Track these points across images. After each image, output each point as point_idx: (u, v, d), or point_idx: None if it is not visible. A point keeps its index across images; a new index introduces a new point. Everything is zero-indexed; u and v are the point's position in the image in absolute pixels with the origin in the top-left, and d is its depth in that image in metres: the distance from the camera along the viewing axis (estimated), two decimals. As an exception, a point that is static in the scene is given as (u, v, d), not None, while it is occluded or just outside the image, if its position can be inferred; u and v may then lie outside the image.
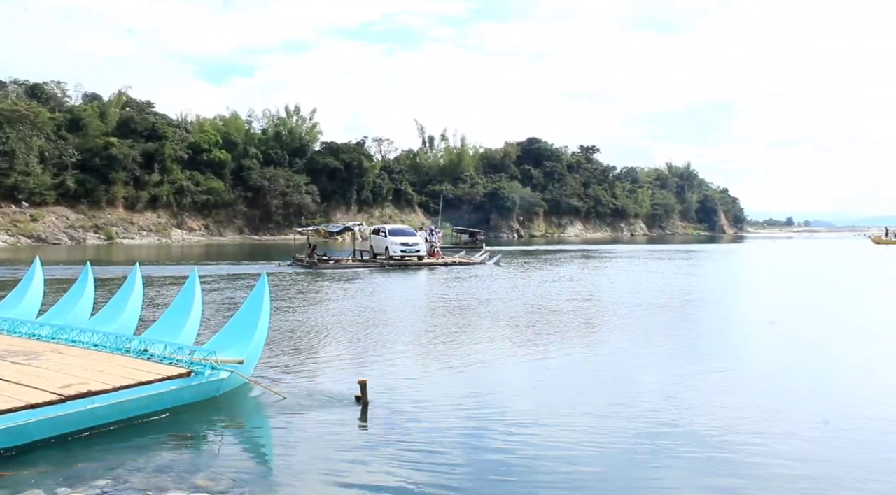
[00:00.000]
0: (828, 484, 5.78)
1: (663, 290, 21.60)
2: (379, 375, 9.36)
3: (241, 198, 74.87)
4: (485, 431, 7.10)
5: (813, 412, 7.98)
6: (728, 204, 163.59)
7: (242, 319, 9.18)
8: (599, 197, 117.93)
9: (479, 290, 21.18)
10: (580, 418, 7.61)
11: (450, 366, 10.27)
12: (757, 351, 12.32)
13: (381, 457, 6.30)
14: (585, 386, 9.29)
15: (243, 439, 7.19)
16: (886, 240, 66.71)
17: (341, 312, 15.93)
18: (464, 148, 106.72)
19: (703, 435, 7.00)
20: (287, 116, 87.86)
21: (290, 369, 9.78)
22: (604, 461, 6.28)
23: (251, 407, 8.14)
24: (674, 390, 8.87)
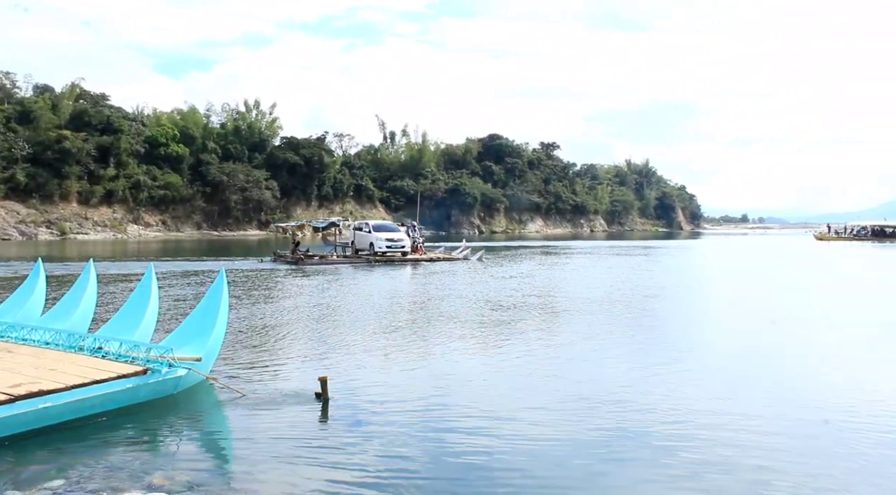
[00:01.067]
0: (780, 474, 5.90)
1: (622, 286, 21.85)
2: (341, 371, 9.30)
3: (199, 193, 73.82)
4: (445, 426, 7.11)
5: (765, 403, 8.14)
6: (685, 201, 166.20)
7: (200, 316, 9.05)
8: (560, 193, 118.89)
9: (458, 286, 21.20)
10: (540, 412, 7.64)
11: (412, 361, 10.26)
12: (711, 344, 12.52)
13: (341, 454, 6.26)
14: (545, 380, 9.33)
15: (201, 437, 7.09)
16: (828, 236, 68.70)
17: (309, 307, 15.80)
18: (425, 144, 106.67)
19: (659, 427, 7.09)
20: (246, 111, 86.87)
21: (251, 366, 9.67)
22: (563, 455, 6.32)
23: (209, 405, 8.03)
24: (631, 384, 8.96)
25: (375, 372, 9.54)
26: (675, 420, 7.37)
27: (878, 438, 6.85)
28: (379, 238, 33.02)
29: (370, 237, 33.31)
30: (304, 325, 13.45)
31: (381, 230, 34.33)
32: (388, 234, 33.69)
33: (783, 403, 8.24)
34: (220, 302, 8.92)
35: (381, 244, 32.69)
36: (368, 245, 33.09)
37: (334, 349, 11.11)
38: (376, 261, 31.33)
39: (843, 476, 5.90)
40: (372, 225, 35.00)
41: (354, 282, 22.65)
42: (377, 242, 32.76)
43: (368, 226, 34.58)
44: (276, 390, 8.37)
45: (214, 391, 8.30)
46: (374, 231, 33.77)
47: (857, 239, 66.09)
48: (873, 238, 66.61)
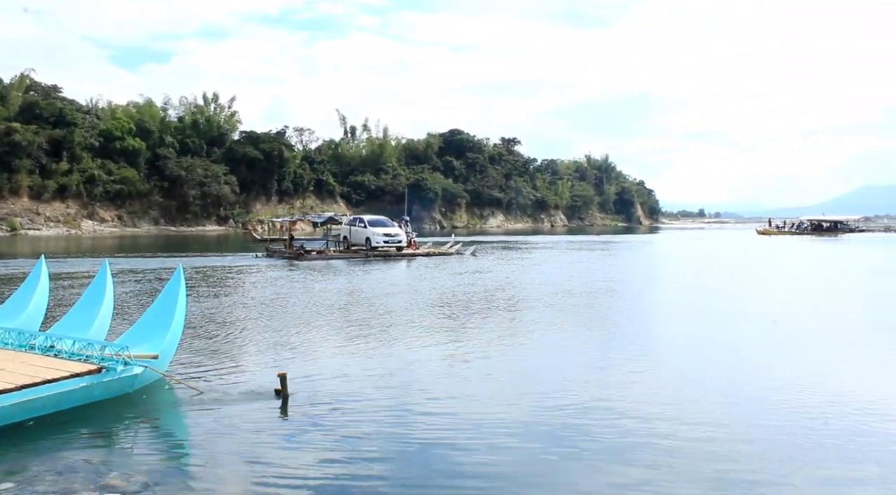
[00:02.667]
0: (738, 465, 6.02)
1: (582, 281, 22.06)
2: (303, 368, 9.24)
3: (156, 188, 72.49)
4: (407, 421, 7.10)
5: (722, 394, 8.31)
6: (644, 196, 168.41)
7: (157, 313, 8.91)
8: (520, 188, 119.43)
9: (446, 280, 21.17)
10: (502, 407, 7.67)
11: (374, 356, 10.21)
12: (669, 338, 12.73)
13: (301, 451, 6.22)
14: (507, 375, 9.38)
15: (158, 436, 6.98)
16: (770, 231, 70.85)
17: (274, 303, 15.63)
18: (386, 139, 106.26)
19: (621, 420, 7.17)
20: (205, 104, 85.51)
21: (210, 363, 9.54)
22: (525, 449, 6.36)
23: (166, 403, 7.90)
24: (592, 378, 9.07)
25: (337, 367, 9.47)
26: (634, 414, 7.46)
27: (831, 432, 7.02)
28: (376, 233, 32.97)
29: (366, 232, 33.21)
30: (267, 321, 13.29)
31: (377, 225, 34.21)
32: (384, 230, 33.65)
33: (738, 396, 8.40)
34: (177, 298, 8.79)
35: (379, 239, 32.68)
36: (364, 240, 33.00)
37: (297, 345, 11.01)
38: (375, 256, 31.41)
39: (795, 470, 6.03)
40: (367, 220, 34.84)
41: (352, 276, 22.48)
42: (374, 237, 32.74)
43: (364, 222, 34.38)
44: (235, 387, 8.27)
45: (172, 389, 8.18)
46: (369, 226, 33.65)
47: (798, 233, 68.20)
48: (812, 232, 68.95)
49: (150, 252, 35.45)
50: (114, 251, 36.46)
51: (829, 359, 10.58)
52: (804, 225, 72.74)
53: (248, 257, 31.55)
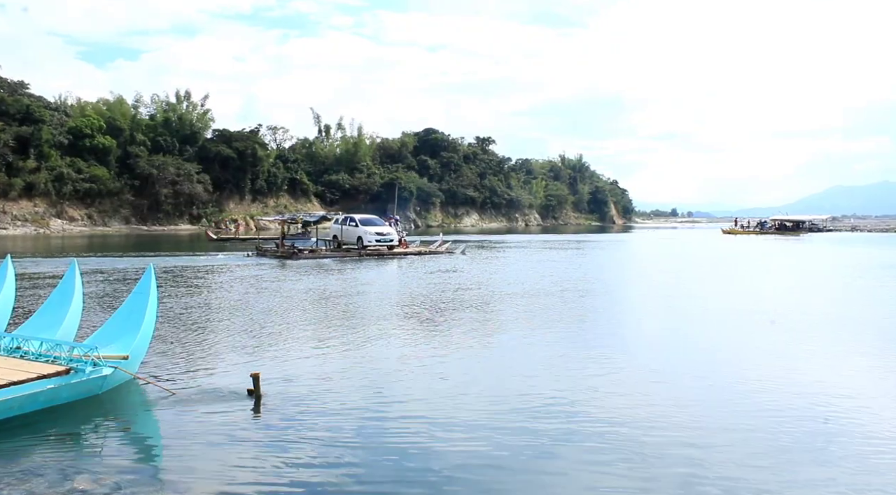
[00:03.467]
0: (709, 468, 6.09)
1: (556, 280, 22.16)
2: (277, 367, 9.18)
3: (127, 186, 71.54)
4: (380, 421, 7.07)
5: (693, 393, 8.39)
6: (618, 195, 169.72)
7: (127, 313, 8.80)
8: (495, 188, 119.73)
9: (448, 279, 21.13)
10: (476, 407, 7.66)
11: (348, 355, 10.15)
12: (642, 336, 12.84)
13: (273, 452, 6.17)
14: (483, 374, 9.38)
15: (128, 438, 6.87)
16: (735, 230, 72.42)
17: (253, 302, 15.51)
18: (361, 137, 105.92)
19: (594, 416, 7.22)
20: (177, 102, 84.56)
21: (182, 363, 9.44)
22: (500, 450, 6.35)
23: (137, 405, 7.81)
24: (565, 376, 9.09)
25: (312, 367, 9.42)
26: (606, 415, 7.50)
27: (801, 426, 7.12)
28: (368, 232, 33.03)
29: (358, 231, 33.25)
30: (244, 321, 13.18)
31: (369, 224, 34.26)
32: (376, 229, 33.75)
33: (707, 395, 8.49)
34: (148, 298, 8.68)
35: (371, 238, 32.77)
36: (356, 239, 33.04)
37: (272, 345, 10.93)
38: (367, 255, 31.51)
39: (767, 466, 6.12)
40: (358, 219, 34.77)
41: (345, 275, 22.34)
42: (366, 236, 32.79)
43: (355, 221, 34.33)
44: (207, 388, 8.19)
45: (143, 390, 8.08)
46: (361, 225, 33.66)
47: (762, 232, 69.67)
48: (777, 231, 70.50)
49: (124, 251, 34.99)
50: (83, 250, 35.93)
51: (795, 354, 10.72)
52: (768, 224, 74.45)
53: (238, 257, 31.37)
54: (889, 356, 10.95)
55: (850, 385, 8.88)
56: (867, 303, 17.27)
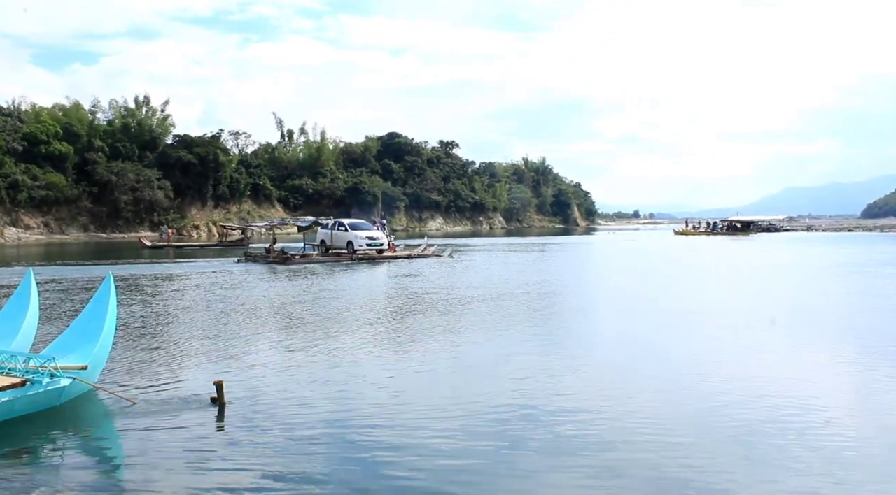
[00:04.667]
0: (675, 466, 6.22)
1: (522, 282, 22.32)
2: (241, 374, 9.10)
3: (85, 193, 70.14)
4: (346, 428, 7.04)
5: (656, 391, 8.51)
6: (581, 198, 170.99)
7: (86, 322, 8.64)
8: (459, 191, 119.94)
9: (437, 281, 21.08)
10: (442, 410, 7.68)
11: (314, 362, 10.08)
12: (604, 337, 13.01)
13: (238, 461, 6.11)
14: (449, 377, 9.41)
15: (88, 450, 6.77)
16: (687, 231, 74.22)
17: (206, 309, 15.36)
18: (324, 142, 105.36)
19: (558, 419, 7.27)
20: (136, 107, 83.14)
21: (144, 372, 9.30)
22: (467, 454, 6.38)
23: (97, 416, 7.69)
24: (528, 376, 9.14)
25: (275, 373, 9.35)
26: (570, 415, 7.57)
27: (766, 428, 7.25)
28: (358, 236, 33.31)
29: (348, 236, 33.50)
30: (208, 328, 13.07)
31: (358, 229, 34.53)
32: (367, 233, 34.11)
33: (673, 393, 8.64)
34: (107, 306, 8.56)
35: (362, 242, 33.02)
36: (346, 243, 33.24)
37: (236, 352, 10.83)
38: (359, 259, 31.71)
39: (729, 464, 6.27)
40: (348, 223, 35.00)
41: (336, 279, 22.17)
42: (357, 241, 33.03)
43: (345, 226, 34.48)
44: (169, 396, 8.10)
45: (103, 401, 7.98)
46: (351, 229, 33.91)
47: (713, 233, 71.32)
48: (728, 232, 72.19)
49: (86, 259, 34.32)
50: (40, 259, 35.19)
51: (747, 351, 10.95)
52: (719, 225, 76.10)
53: (227, 263, 31.22)
54: (835, 350, 11.21)
55: (797, 378, 9.11)
56: (812, 299, 17.72)
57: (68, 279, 22.66)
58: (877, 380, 9.17)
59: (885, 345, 11.45)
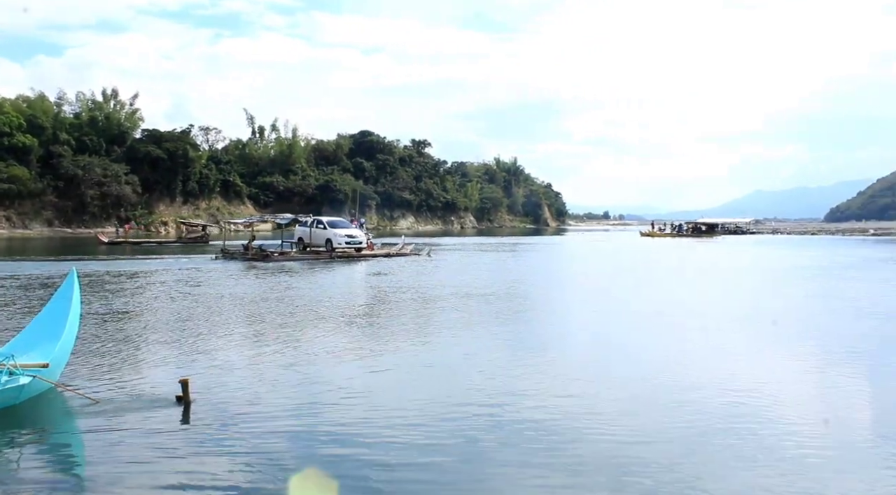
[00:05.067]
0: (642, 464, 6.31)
1: (492, 281, 22.41)
2: (207, 373, 9.00)
3: (50, 187, 68.89)
4: (312, 426, 7.00)
5: (623, 390, 8.57)
6: (552, 198, 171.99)
7: (48, 319, 8.47)
8: (431, 190, 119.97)
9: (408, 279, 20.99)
10: (408, 410, 7.66)
11: (282, 360, 10.01)
12: (572, 339, 13.11)
13: (203, 460, 6.04)
14: (417, 378, 9.40)
15: (48, 450, 6.62)
16: (653, 233, 75.64)
17: (175, 307, 15.18)
18: (295, 139, 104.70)
19: (523, 417, 7.29)
20: (104, 101, 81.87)
21: (108, 370, 9.15)
22: (432, 452, 6.38)
23: (58, 415, 7.56)
24: (499, 377, 9.17)
25: (243, 371, 9.25)
26: (544, 412, 7.60)
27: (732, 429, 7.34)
28: (337, 234, 33.46)
29: (326, 233, 33.59)
30: (175, 326, 12.92)
31: (337, 227, 34.69)
32: (346, 231, 34.28)
33: (636, 392, 8.69)
34: (70, 303, 8.42)
35: (341, 240, 33.17)
36: (325, 241, 33.33)
37: (203, 350, 10.71)
38: (339, 257, 31.78)
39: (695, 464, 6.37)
40: (326, 221, 35.16)
41: (307, 278, 21.97)
42: (335, 239, 33.15)
43: (323, 223, 34.59)
44: (133, 395, 7.98)
45: (65, 399, 7.85)
46: (330, 227, 34.00)
47: (679, 235, 72.68)
48: (693, 234, 73.64)
49: (52, 255, 33.74)
50: (1, 255, 34.52)
51: (710, 350, 11.11)
52: (684, 228, 77.53)
53: (203, 259, 30.99)
54: (796, 351, 11.41)
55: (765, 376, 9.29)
56: (773, 301, 18.03)
57: (28, 275, 22.26)
58: (835, 380, 9.35)
59: (845, 346, 11.66)
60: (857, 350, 11.44)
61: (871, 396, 8.78)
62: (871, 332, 13.16)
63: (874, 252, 43.33)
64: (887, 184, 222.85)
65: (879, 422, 7.51)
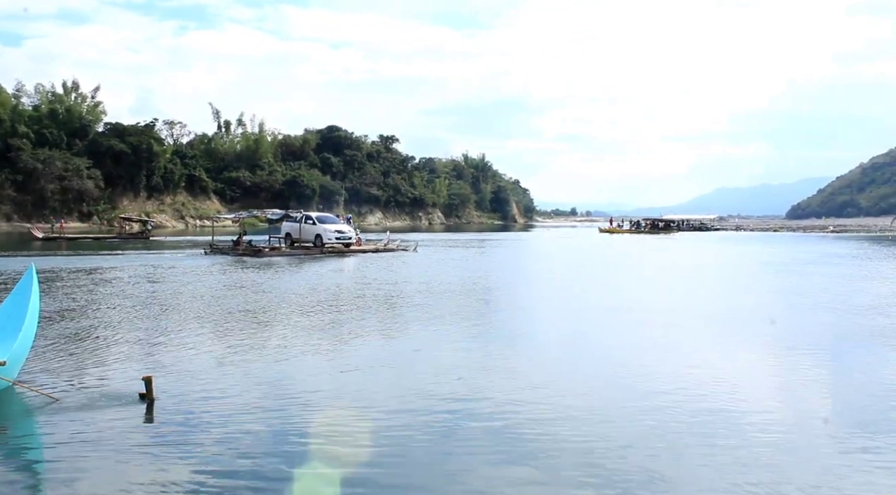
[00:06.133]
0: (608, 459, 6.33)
1: (461, 278, 22.46)
2: (172, 369, 8.87)
3: (8, 181, 67.47)
4: (281, 425, 6.92)
5: (591, 387, 8.62)
6: (519, 195, 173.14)
7: (5, 316, 8.22)
8: (399, 186, 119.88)
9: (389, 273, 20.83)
10: (377, 408, 7.60)
11: (249, 356, 9.88)
12: (539, 332, 13.17)
13: (166, 459, 5.93)
14: (386, 373, 9.35)
15: (6, 449, 6.46)
16: (613, 229, 77.16)
17: (147, 302, 14.93)
18: (262, 134, 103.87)
19: (498, 413, 7.28)
20: (64, 93, 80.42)
21: (69, 367, 8.97)
22: (405, 447, 6.35)
23: (16, 414, 7.38)
24: (468, 370, 9.18)
25: (209, 368, 9.11)
26: (511, 404, 7.60)
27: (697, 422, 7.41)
28: (328, 230, 33.83)
29: (316, 229, 33.87)
30: (138, 322, 12.71)
31: (327, 222, 35.09)
32: (335, 226, 34.72)
33: (609, 388, 8.78)
34: (28, 299, 8.20)
35: (331, 236, 33.51)
36: (315, 237, 33.58)
37: (168, 346, 10.56)
38: (329, 253, 32.07)
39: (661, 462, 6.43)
40: (316, 217, 35.51)
41: (306, 272, 21.69)
42: (325, 234, 33.49)
43: (312, 219, 34.82)
44: (95, 393, 7.82)
45: (23, 398, 7.67)
46: (319, 223, 34.38)
47: (637, 231, 74.52)
48: (651, 231, 75.43)
49: (15, 251, 33.02)
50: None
51: (673, 345, 11.24)
52: (642, 224, 79.30)
53: (194, 255, 31.20)
54: (758, 346, 11.59)
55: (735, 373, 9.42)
56: (728, 296, 18.32)
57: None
58: (796, 373, 9.52)
59: (808, 341, 11.86)
60: (821, 344, 11.65)
61: (836, 390, 8.95)
62: (838, 326, 13.42)
63: (833, 248, 44.24)
64: (846, 181, 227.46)
65: (846, 416, 7.64)
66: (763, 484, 5.58)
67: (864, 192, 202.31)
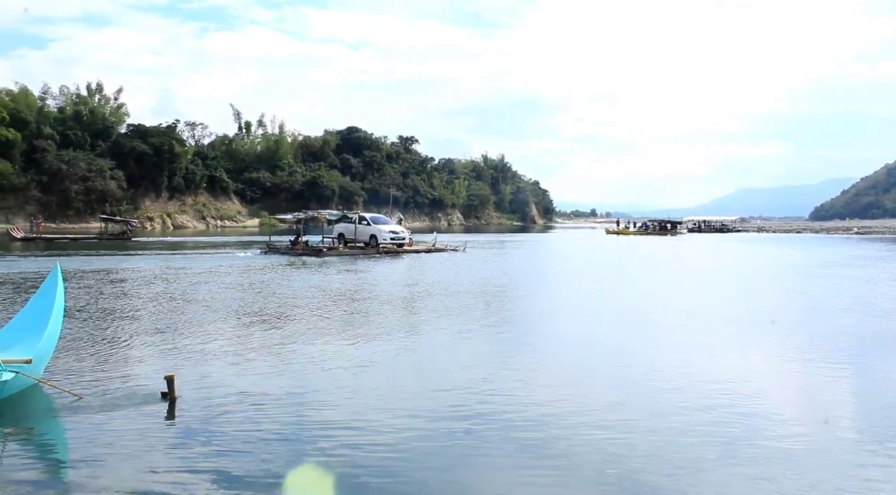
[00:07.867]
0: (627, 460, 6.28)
1: (479, 279, 22.42)
2: (194, 369, 8.91)
3: (34, 182, 68.41)
4: (302, 426, 6.92)
5: (611, 390, 8.56)
6: (539, 196, 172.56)
7: (31, 314, 8.35)
8: (418, 187, 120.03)
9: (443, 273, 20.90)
10: (401, 407, 7.59)
11: (270, 356, 9.91)
12: (557, 336, 13.10)
13: (188, 458, 5.96)
14: (406, 375, 9.33)
15: (31, 446, 6.53)
16: (618, 230, 78.14)
17: (168, 303, 15.04)
18: (282, 135, 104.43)
19: (516, 418, 7.25)
20: (88, 95, 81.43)
21: (93, 366, 9.02)
22: (424, 451, 6.32)
23: (41, 411, 7.44)
24: (486, 375, 9.13)
25: (231, 368, 9.14)
26: (530, 409, 7.57)
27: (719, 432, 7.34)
28: (382, 231, 34.93)
29: (371, 229, 35.07)
30: (161, 321, 12.79)
31: (380, 223, 36.23)
32: (389, 227, 35.91)
33: (624, 392, 8.66)
34: (53, 298, 8.29)
35: (385, 236, 34.59)
36: (370, 237, 34.82)
37: (190, 345, 10.58)
38: (385, 253, 32.97)
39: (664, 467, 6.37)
40: (370, 217, 36.60)
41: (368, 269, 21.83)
42: (381, 234, 34.60)
43: (367, 220, 35.94)
44: (118, 391, 7.87)
45: (48, 395, 7.74)
46: (374, 224, 35.49)
47: (645, 233, 74.63)
48: (659, 232, 75.44)
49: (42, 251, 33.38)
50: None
51: (689, 346, 11.15)
52: (649, 226, 79.49)
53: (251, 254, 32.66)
54: (776, 347, 11.46)
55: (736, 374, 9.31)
56: (746, 297, 18.11)
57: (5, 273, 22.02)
58: (822, 377, 9.37)
59: (827, 344, 11.70)
60: (843, 348, 11.47)
61: (858, 393, 8.81)
62: (864, 330, 13.22)
63: (859, 250, 43.65)
64: (870, 182, 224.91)
65: (873, 423, 7.51)
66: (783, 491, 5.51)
67: (890, 193, 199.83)
